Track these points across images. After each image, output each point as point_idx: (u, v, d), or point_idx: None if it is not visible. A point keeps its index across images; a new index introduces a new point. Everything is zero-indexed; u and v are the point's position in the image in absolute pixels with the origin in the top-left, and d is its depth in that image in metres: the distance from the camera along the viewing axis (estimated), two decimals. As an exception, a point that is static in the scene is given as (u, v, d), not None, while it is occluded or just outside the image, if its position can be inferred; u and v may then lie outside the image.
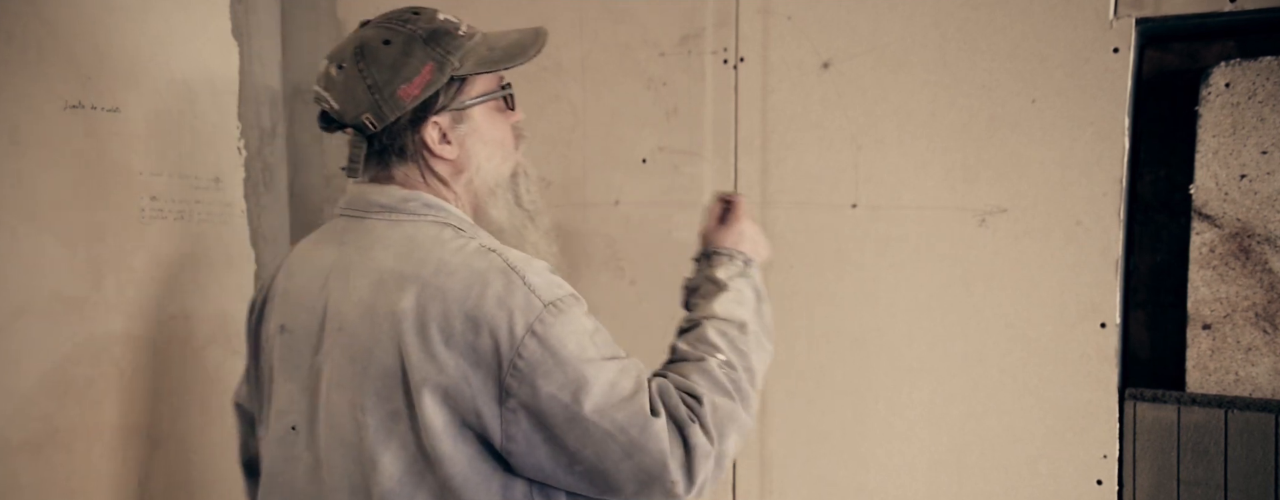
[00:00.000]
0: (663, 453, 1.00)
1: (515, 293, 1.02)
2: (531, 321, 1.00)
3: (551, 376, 1.00)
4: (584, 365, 1.01)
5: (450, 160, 1.14)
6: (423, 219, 1.12)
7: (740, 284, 1.21)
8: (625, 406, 1.01)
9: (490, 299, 1.01)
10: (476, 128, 1.15)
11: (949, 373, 1.53)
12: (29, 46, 1.41)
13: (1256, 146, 1.39)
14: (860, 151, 1.57)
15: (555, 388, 1.00)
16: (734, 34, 1.64)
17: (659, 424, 1.01)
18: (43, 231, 1.43)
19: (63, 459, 1.46)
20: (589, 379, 1.00)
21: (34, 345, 1.42)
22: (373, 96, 1.08)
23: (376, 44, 1.09)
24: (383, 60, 1.08)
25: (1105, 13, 1.41)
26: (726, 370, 1.11)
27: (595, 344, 1.04)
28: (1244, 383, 1.40)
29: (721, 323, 1.16)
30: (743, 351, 1.14)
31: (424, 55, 1.09)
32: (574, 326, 1.03)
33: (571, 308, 1.04)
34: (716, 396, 1.07)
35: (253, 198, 1.85)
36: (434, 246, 1.07)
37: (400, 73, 1.08)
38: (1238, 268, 1.40)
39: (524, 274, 1.04)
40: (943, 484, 1.55)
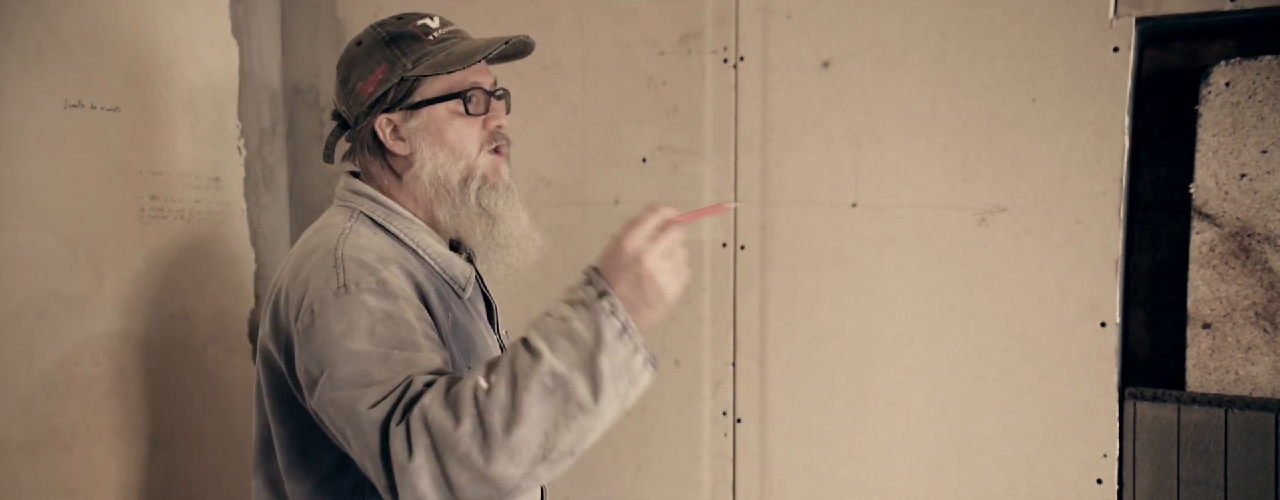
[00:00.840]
0: (370, 450, 0.95)
1: (321, 272, 1.07)
2: (316, 299, 1.05)
3: (307, 349, 1.03)
4: (336, 347, 1.00)
5: (402, 155, 1.21)
6: (341, 205, 1.23)
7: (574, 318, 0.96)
8: (351, 394, 0.98)
9: (302, 275, 1.09)
10: (426, 126, 1.19)
11: (949, 372, 1.53)
12: (29, 46, 1.41)
13: (1256, 145, 1.39)
14: (860, 150, 1.57)
15: (308, 360, 1.03)
16: (734, 33, 1.64)
17: (373, 419, 0.95)
18: (43, 231, 1.43)
19: (63, 459, 1.46)
20: (335, 360, 1.00)
21: (34, 345, 1.42)
22: (343, 90, 1.22)
23: (353, 44, 1.22)
24: (351, 59, 1.21)
25: (1105, 12, 1.41)
26: (478, 394, 0.93)
27: (371, 332, 1.01)
28: (1244, 382, 1.40)
29: (521, 351, 0.95)
30: (517, 382, 0.93)
31: (381, 56, 1.18)
32: (352, 310, 1.02)
33: (362, 293, 1.04)
34: (439, 410, 0.93)
35: (253, 197, 1.85)
36: (317, 229, 1.18)
37: (359, 71, 1.19)
38: (1238, 267, 1.40)
39: (342, 258, 1.08)
40: (943, 483, 1.55)
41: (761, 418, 1.66)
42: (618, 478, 1.75)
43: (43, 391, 1.43)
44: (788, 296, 1.63)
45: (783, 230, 1.63)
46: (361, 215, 1.20)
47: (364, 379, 0.98)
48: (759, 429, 1.66)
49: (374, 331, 1.01)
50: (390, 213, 1.21)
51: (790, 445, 1.65)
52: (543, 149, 1.78)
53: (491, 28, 1.83)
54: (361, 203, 1.21)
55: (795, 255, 1.62)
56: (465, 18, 1.80)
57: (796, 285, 1.62)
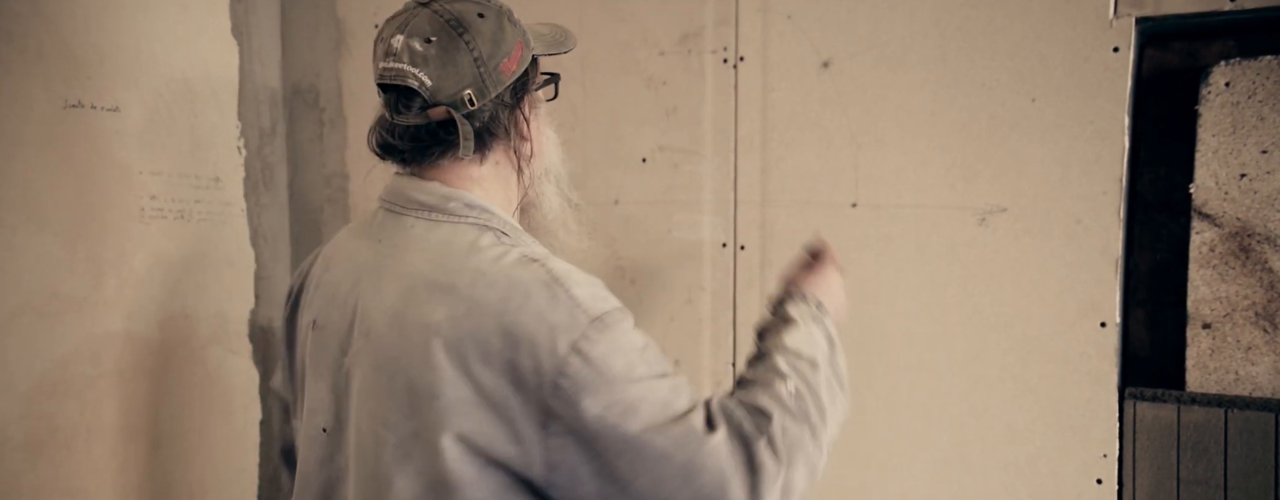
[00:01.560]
0: (722, 472, 0.91)
1: (558, 306, 0.94)
2: (576, 338, 0.92)
3: (598, 396, 0.91)
4: (633, 385, 0.92)
5: (529, 142, 1.10)
6: (463, 221, 1.04)
7: (812, 326, 1.11)
8: (680, 424, 0.92)
9: (531, 312, 0.93)
10: (542, 111, 1.12)
11: (949, 372, 1.53)
12: (29, 46, 1.41)
13: (1256, 145, 1.39)
14: (860, 150, 1.57)
15: (602, 408, 0.91)
16: (734, 33, 1.64)
17: (717, 440, 0.92)
18: (43, 231, 1.43)
19: (63, 459, 1.46)
20: (640, 397, 0.92)
21: (34, 345, 1.42)
22: (478, 70, 1.01)
23: (473, 17, 1.02)
24: (485, 32, 1.02)
25: (1105, 12, 1.41)
26: (796, 399, 1.00)
27: (645, 361, 0.95)
28: (1244, 382, 1.40)
29: (791, 355, 1.05)
30: (813, 385, 1.03)
31: (515, 31, 1.05)
32: (622, 343, 0.94)
33: (619, 322, 0.96)
34: (786, 419, 0.97)
35: (253, 197, 1.85)
36: (471, 254, 1.00)
37: (501, 47, 1.03)
38: (1238, 267, 1.40)
39: (568, 286, 0.96)
40: (943, 483, 1.55)
41: (761, 418, 1.66)
42: (618, 478, 1.75)
43: (43, 391, 1.43)
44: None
45: (783, 230, 1.63)
46: (501, 236, 1.04)
47: (677, 409, 0.93)
48: (759, 429, 1.66)
49: (646, 359, 0.96)
50: (515, 231, 1.06)
51: (790, 445, 1.65)
52: (543, 149, 1.78)
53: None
54: (489, 219, 1.05)
55: (795, 255, 1.62)
56: (465, 18, 1.81)
57: (796, 285, 1.62)
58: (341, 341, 1.05)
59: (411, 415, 0.96)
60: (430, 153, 1.05)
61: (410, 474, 0.97)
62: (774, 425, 0.95)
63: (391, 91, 1.03)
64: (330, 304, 1.08)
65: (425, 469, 0.96)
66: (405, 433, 0.97)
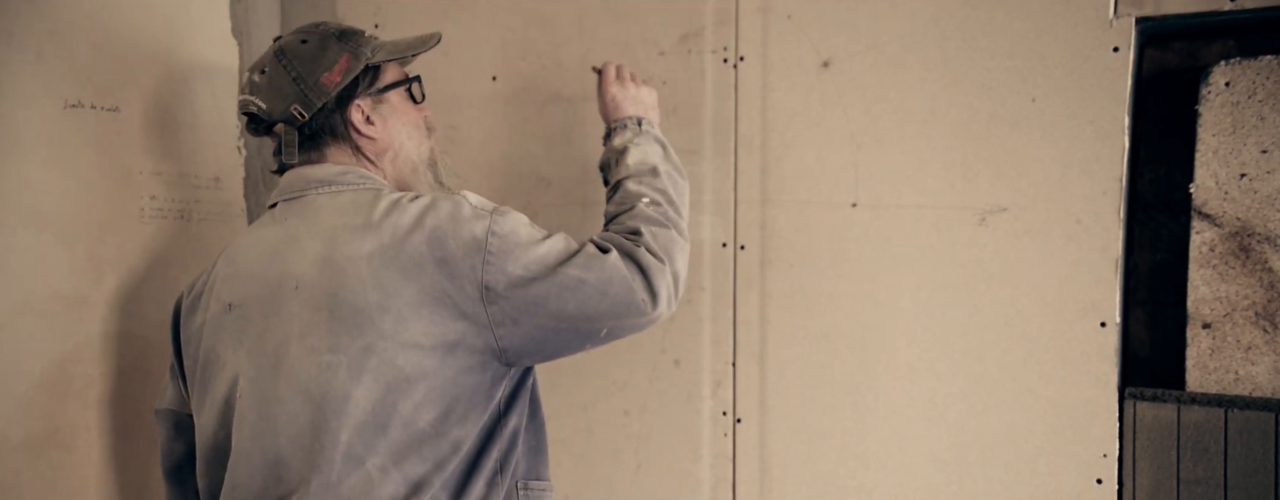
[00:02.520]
0: (625, 279, 1.16)
1: (463, 208, 1.17)
2: (487, 224, 1.16)
3: (518, 258, 1.15)
4: (537, 245, 1.17)
5: (376, 139, 1.29)
6: (361, 187, 1.25)
7: (640, 141, 1.36)
8: (580, 257, 1.17)
9: (444, 216, 1.16)
10: (394, 110, 1.31)
11: (949, 372, 1.53)
12: (29, 46, 1.41)
13: (1256, 145, 1.39)
14: (860, 150, 1.57)
15: (524, 266, 1.15)
16: (734, 33, 1.64)
17: (612, 258, 1.17)
18: (43, 231, 1.43)
19: (63, 459, 1.46)
20: (546, 250, 1.17)
21: (34, 345, 1.42)
22: (299, 87, 1.24)
23: (295, 44, 1.26)
24: (303, 55, 1.25)
25: (1105, 12, 1.41)
26: (654, 207, 1.27)
27: (537, 229, 1.20)
28: (1244, 382, 1.40)
29: (634, 176, 1.32)
30: (662, 190, 1.31)
31: (339, 48, 1.26)
32: (517, 221, 1.19)
33: (509, 211, 1.20)
34: (653, 227, 1.24)
35: (252, 197, 1.85)
36: (380, 201, 1.20)
37: (320, 63, 1.25)
38: (1238, 267, 1.40)
39: (464, 194, 1.20)
40: (943, 483, 1.55)
41: (761, 418, 1.66)
42: (618, 478, 1.75)
43: (43, 391, 1.43)
44: (788, 296, 1.63)
45: (783, 230, 1.63)
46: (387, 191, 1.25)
47: (572, 248, 1.18)
48: (759, 429, 1.66)
49: (539, 229, 1.20)
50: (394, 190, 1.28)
51: (790, 445, 1.65)
52: (543, 149, 1.78)
53: (492, 28, 1.84)
54: (380, 185, 1.27)
55: (795, 255, 1.62)
56: (465, 19, 1.81)
57: (796, 285, 1.62)
58: (263, 307, 1.20)
59: (361, 334, 1.13)
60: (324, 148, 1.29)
61: (367, 383, 1.13)
62: (645, 236, 1.22)
63: (246, 117, 1.30)
64: (247, 282, 1.23)
65: (382, 374, 1.13)
66: (356, 350, 1.13)
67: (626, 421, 1.75)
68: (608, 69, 1.46)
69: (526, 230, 1.19)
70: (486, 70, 1.80)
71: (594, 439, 1.77)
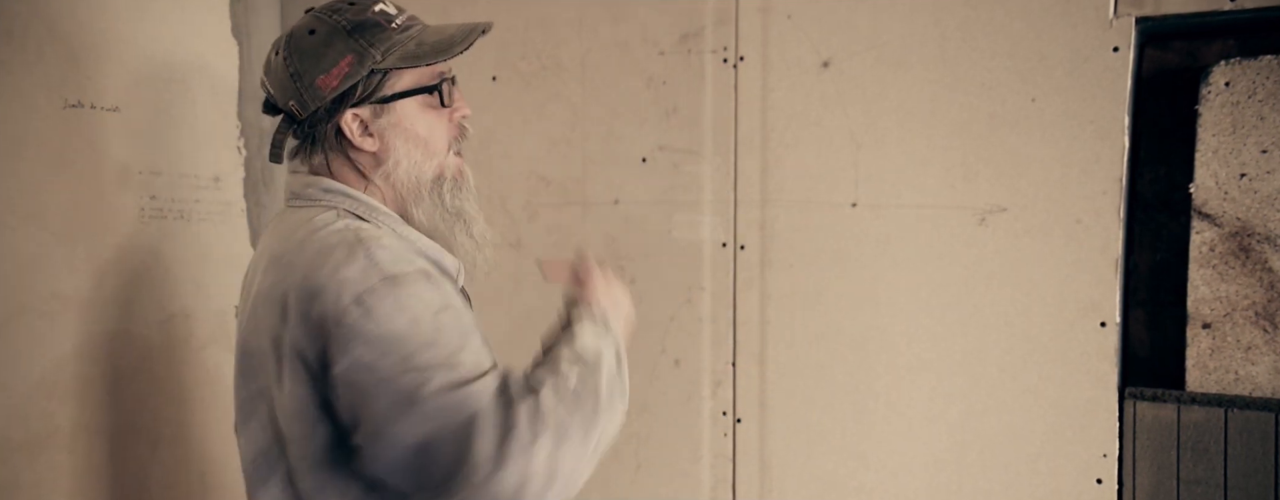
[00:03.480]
0: (469, 428, 0.93)
1: (353, 263, 1.00)
2: (362, 291, 0.98)
3: (371, 345, 0.96)
4: (404, 340, 0.96)
5: (371, 153, 1.13)
6: (317, 204, 1.12)
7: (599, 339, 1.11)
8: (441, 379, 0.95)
9: (329, 268, 1.00)
10: (398, 122, 1.13)
11: (949, 372, 1.53)
12: (29, 46, 1.41)
13: (1256, 145, 1.39)
14: (860, 150, 1.57)
15: (372, 357, 0.96)
16: (734, 33, 1.64)
17: (473, 396, 0.94)
18: (43, 231, 1.43)
19: (63, 459, 1.46)
20: (410, 349, 0.96)
21: (34, 345, 1.42)
22: (295, 85, 1.10)
23: (302, 33, 1.11)
24: (305, 49, 1.10)
25: (1105, 11, 1.41)
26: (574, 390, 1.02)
27: (436, 324, 0.98)
28: (1244, 382, 1.40)
29: (575, 356, 1.07)
30: (593, 385, 1.04)
31: (344, 47, 1.09)
32: (409, 302, 0.98)
33: (413, 283, 1.00)
34: (556, 399, 0.98)
35: (252, 197, 1.85)
36: (305, 228, 1.07)
37: (319, 63, 1.09)
38: (1238, 267, 1.40)
39: (370, 247, 1.02)
40: (943, 483, 1.55)
41: (761, 418, 1.66)
42: (618, 478, 1.75)
43: (43, 391, 1.43)
44: (788, 296, 1.63)
45: (783, 230, 1.63)
46: (346, 213, 1.11)
47: (451, 360, 0.96)
48: (759, 429, 1.66)
49: (439, 321, 0.99)
50: (373, 210, 1.13)
51: (790, 445, 1.65)
52: (543, 149, 1.78)
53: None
54: (341, 201, 1.12)
55: (795, 255, 1.62)
56: (465, 16, 1.81)
57: (796, 285, 1.62)
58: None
59: (254, 377, 1.07)
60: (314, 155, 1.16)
61: (252, 431, 1.08)
62: (542, 398, 0.97)
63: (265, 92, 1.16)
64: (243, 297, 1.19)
65: (265, 425, 1.07)
66: (249, 393, 1.08)
67: (626, 422, 1.74)
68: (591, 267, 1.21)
69: (408, 316, 0.97)
70: (487, 70, 1.80)
71: (594, 439, 1.77)
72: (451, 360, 0.96)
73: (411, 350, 0.96)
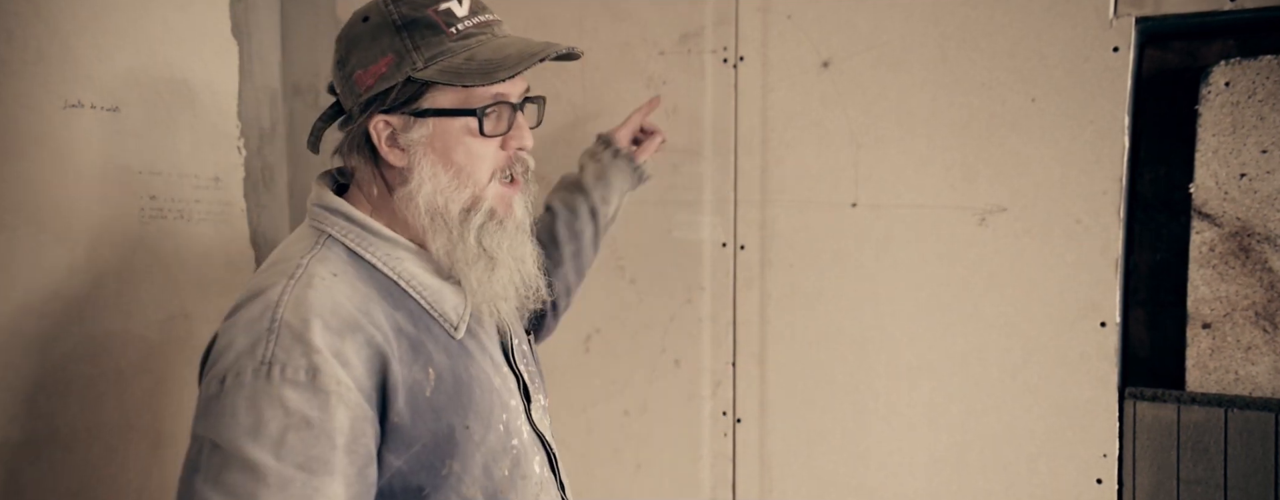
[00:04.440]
0: None
1: (250, 333, 0.89)
2: (233, 368, 0.88)
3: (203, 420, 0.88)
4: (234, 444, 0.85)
5: (397, 167, 1.01)
6: (310, 223, 1.03)
7: None
8: None
9: (232, 324, 0.92)
10: (431, 141, 0.99)
11: (949, 372, 1.53)
12: (29, 46, 1.41)
13: (1256, 145, 1.39)
14: (860, 150, 1.57)
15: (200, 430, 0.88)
16: (733, 33, 1.64)
17: None
18: (43, 231, 1.43)
19: (63, 459, 1.46)
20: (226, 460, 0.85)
21: (34, 345, 1.42)
22: (339, 72, 1.01)
23: (357, 19, 1.00)
24: (353, 38, 0.99)
25: (1105, 11, 1.41)
26: None
27: (279, 442, 0.85)
28: (1244, 382, 1.40)
29: None
30: None
31: (388, 44, 0.97)
32: (266, 405, 0.86)
33: (284, 385, 0.86)
34: None
35: (252, 197, 1.85)
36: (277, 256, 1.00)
37: (361, 56, 0.98)
38: (1238, 267, 1.40)
39: (278, 322, 0.89)
40: (943, 483, 1.55)
41: (761, 418, 1.66)
42: (618, 478, 1.75)
43: (43, 391, 1.43)
44: (788, 296, 1.63)
45: (783, 230, 1.63)
46: (331, 240, 1.00)
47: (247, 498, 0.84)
48: (759, 429, 1.66)
49: (284, 441, 0.85)
50: (367, 236, 1.01)
51: (790, 445, 1.65)
52: (543, 149, 1.78)
53: (491, 28, 1.83)
54: (333, 224, 1.01)
55: (795, 255, 1.62)
56: (465, 18, 1.81)
57: (796, 285, 1.62)
58: None
59: None
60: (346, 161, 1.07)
61: None
62: None
63: None
64: None
65: None
66: None
67: (626, 421, 1.75)
68: None
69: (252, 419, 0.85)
70: (486, 70, 1.80)
71: (594, 439, 1.77)
72: (250, 497, 0.84)
73: (226, 461, 0.85)
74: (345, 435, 0.88)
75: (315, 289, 0.92)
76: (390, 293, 0.99)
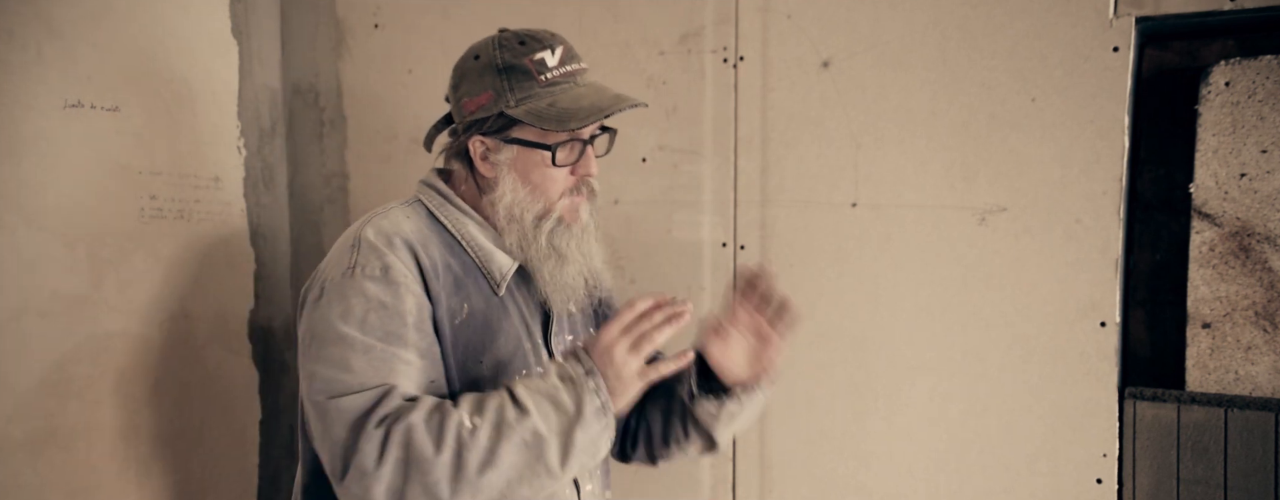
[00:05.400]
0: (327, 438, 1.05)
1: (340, 251, 1.17)
2: (328, 277, 1.15)
3: (307, 326, 1.14)
4: (328, 326, 1.10)
5: (487, 177, 1.24)
6: (411, 197, 1.29)
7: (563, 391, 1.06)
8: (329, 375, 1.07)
9: (329, 258, 1.19)
10: (514, 162, 1.22)
11: (949, 371, 1.53)
12: (29, 46, 1.41)
13: (1256, 145, 1.39)
14: (860, 150, 1.57)
15: (304, 331, 1.14)
16: (734, 32, 1.64)
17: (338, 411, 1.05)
18: (43, 231, 1.43)
19: (63, 459, 1.46)
20: (324, 338, 1.10)
21: (34, 345, 1.42)
22: (454, 94, 1.26)
23: (469, 56, 1.24)
24: (465, 70, 1.24)
25: (1105, 11, 1.41)
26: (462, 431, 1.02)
27: (363, 319, 1.10)
28: (1244, 381, 1.40)
29: (509, 403, 1.05)
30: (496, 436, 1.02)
31: (490, 82, 1.20)
32: (351, 294, 1.11)
33: (364, 279, 1.12)
34: (427, 435, 1.01)
35: (252, 197, 1.85)
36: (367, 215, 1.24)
37: (469, 86, 1.22)
38: (1237, 266, 1.40)
39: (360, 240, 1.16)
40: (943, 483, 1.55)
41: (761, 418, 1.66)
42: (618, 478, 1.75)
43: (43, 391, 1.43)
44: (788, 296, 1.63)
45: (783, 230, 1.63)
46: (418, 202, 1.27)
47: (343, 365, 1.07)
48: (759, 429, 1.66)
49: (366, 320, 1.10)
50: (446, 204, 1.26)
51: (790, 445, 1.65)
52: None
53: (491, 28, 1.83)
54: (425, 193, 1.27)
55: (795, 255, 1.62)
56: (465, 19, 1.81)
57: (796, 285, 1.62)
58: None
59: None
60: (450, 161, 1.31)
61: None
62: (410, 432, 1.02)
63: None
64: None
65: None
66: None
67: (626, 421, 1.75)
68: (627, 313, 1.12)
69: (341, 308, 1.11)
70: (486, 70, 1.80)
71: (594, 439, 1.77)
72: (344, 362, 1.07)
73: (324, 341, 1.09)
74: (413, 315, 1.13)
75: (389, 219, 1.20)
76: (450, 245, 1.23)
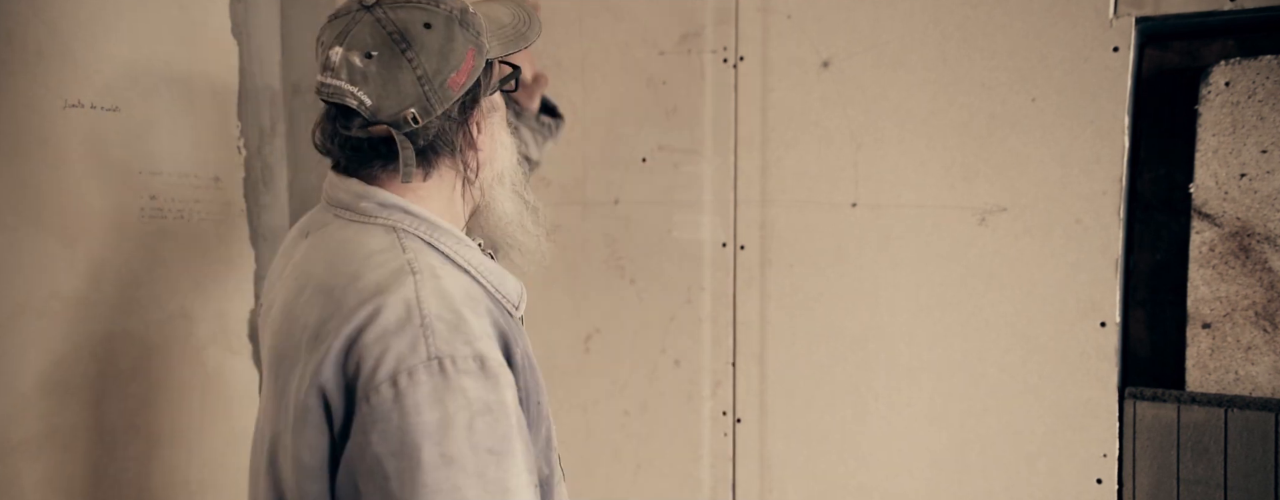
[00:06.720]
0: None
1: (405, 333, 0.87)
2: (399, 369, 0.85)
3: (386, 438, 0.84)
4: (427, 445, 0.83)
5: (483, 149, 1.04)
6: (372, 221, 1.00)
7: None
8: None
9: (377, 330, 0.88)
10: (497, 116, 1.06)
11: (949, 372, 1.53)
12: (29, 46, 1.41)
13: (1256, 145, 1.39)
14: (860, 150, 1.57)
15: (383, 450, 0.84)
16: (734, 32, 1.64)
17: None
18: (43, 231, 1.43)
19: (63, 459, 1.46)
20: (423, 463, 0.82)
21: (34, 345, 1.42)
22: (422, 89, 0.95)
23: (418, 28, 0.95)
24: (430, 47, 0.95)
25: (1105, 11, 1.41)
26: None
27: (469, 429, 0.85)
28: (1244, 381, 1.40)
29: None
30: None
31: (464, 39, 0.97)
32: (450, 398, 0.85)
33: (461, 375, 0.86)
34: None
35: (252, 197, 1.85)
36: (358, 258, 0.95)
37: (449, 60, 0.96)
38: (1238, 267, 1.40)
39: (426, 316, 0.88)
40: (943, 483, 1.55)
41: (761, 418, 1.66)
42: (618, 478, 1.75)
43: (42, 391, 1.43)
44: (788, 296, 1.63)
45: (783, 230, 1.63)
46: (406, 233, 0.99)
47: (453, 494, 0.83)
48: (759, 429, 1.66)
49: (474, 431, 0.85)
50: (435, 228, 1.00)
51: (790, 445, 1.65)
52: (543, 149, 1.78)
53: (491, 28, 1.83)
54: (401, 219, 1.00)
55: (795, 255, 1.62)
56: (465, 18, 1.80)
57: (796, 285, 1.62)
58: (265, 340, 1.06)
59: (278, 418, 0.94)
60: (371, 165, 1.01)
61: (264, 485, 0.94)
62: None
63: (330, 107, 0.99)
64: (267, 300, 1.08)
65: (275, 481, 0.93)
66: (271, 435, 0.95)
67: (626, 421, 1.75)
68: None
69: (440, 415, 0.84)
70: (486, 70, 1.80)
71: (594, 439, 1.77)
72: (456, 493, 0.83)
73: (422, 465, 0.83)
74: (515, 412, 0.89)
75: (443, 280, 0.92)
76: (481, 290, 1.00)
